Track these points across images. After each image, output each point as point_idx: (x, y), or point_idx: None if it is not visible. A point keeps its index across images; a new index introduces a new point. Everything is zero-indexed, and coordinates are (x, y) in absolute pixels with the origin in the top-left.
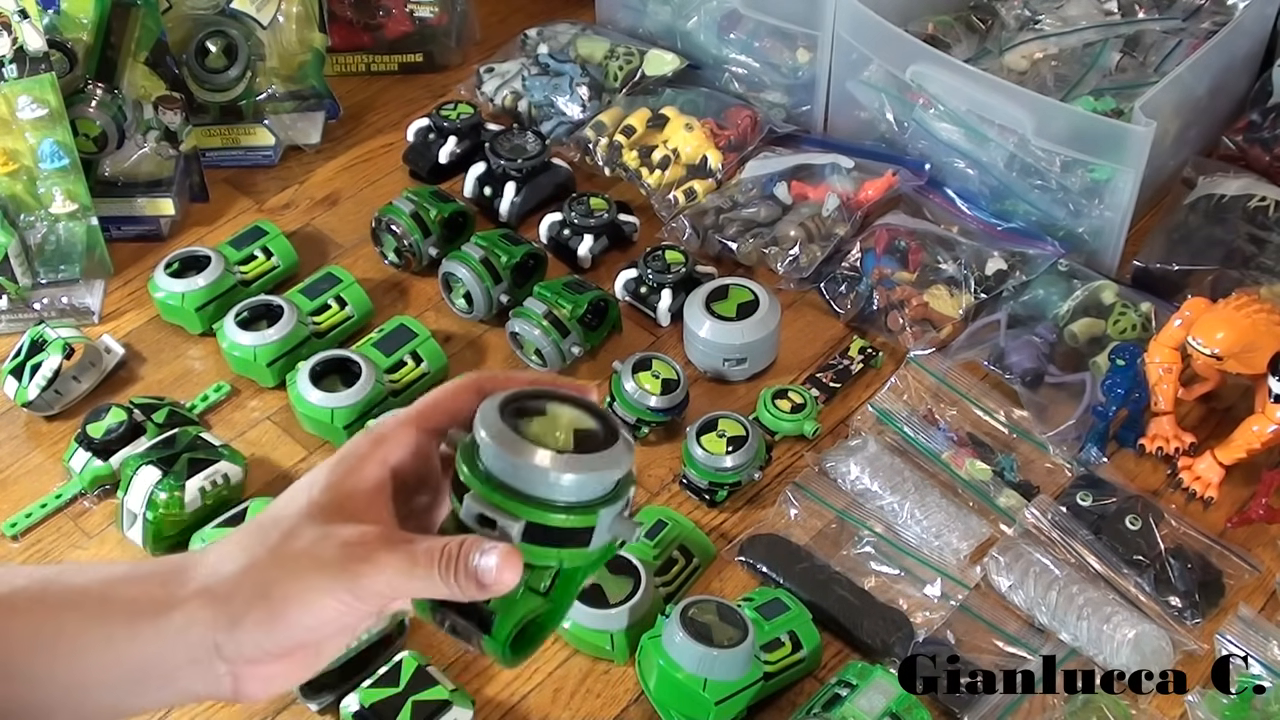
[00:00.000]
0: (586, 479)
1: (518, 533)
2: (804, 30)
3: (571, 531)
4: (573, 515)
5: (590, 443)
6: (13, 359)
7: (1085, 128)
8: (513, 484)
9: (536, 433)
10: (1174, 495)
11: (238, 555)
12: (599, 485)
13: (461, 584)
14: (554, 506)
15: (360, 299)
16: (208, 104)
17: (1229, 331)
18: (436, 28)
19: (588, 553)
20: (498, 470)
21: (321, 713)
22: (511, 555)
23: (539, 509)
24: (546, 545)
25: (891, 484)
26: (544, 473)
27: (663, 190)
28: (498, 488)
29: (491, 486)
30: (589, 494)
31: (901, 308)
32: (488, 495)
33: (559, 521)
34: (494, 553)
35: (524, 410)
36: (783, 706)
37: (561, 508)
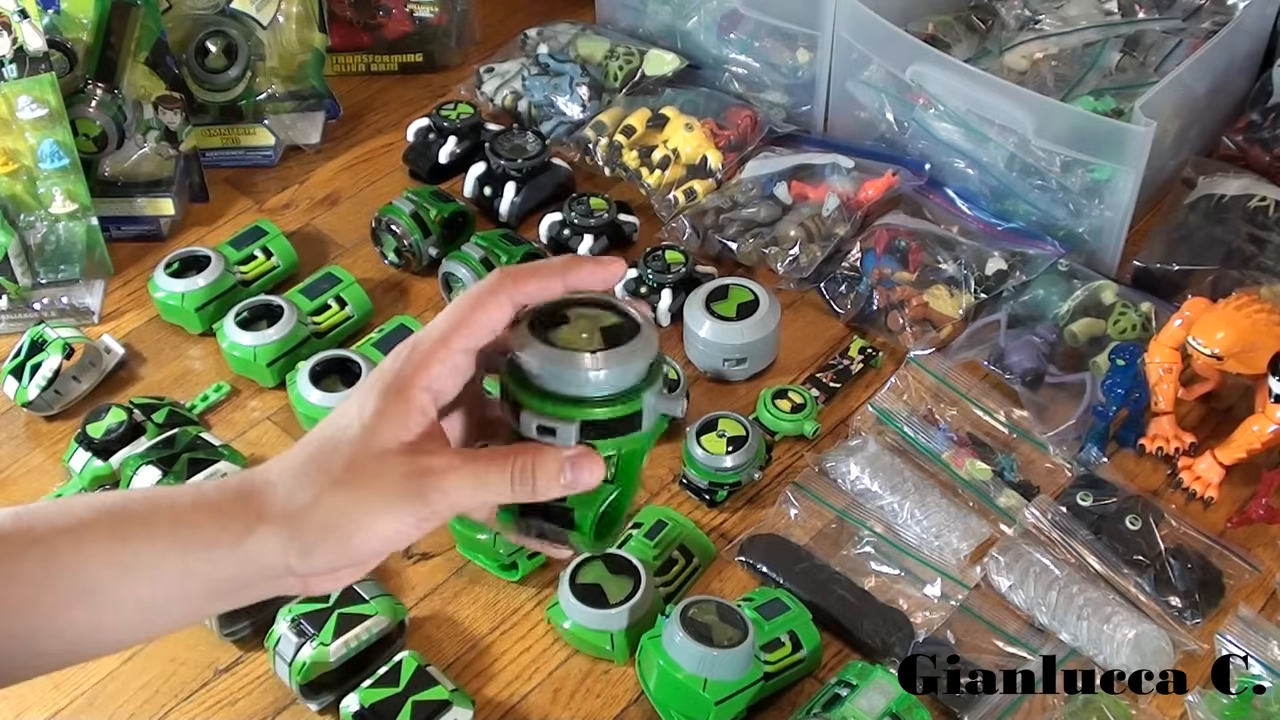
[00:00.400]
0: (623, 370)
1: (575, 433)
2: (804, 30)
3: (622, 419)
4: (619, 405)
5: (617, 335)
6: (13, 359)
7: (1085, 128)
8: (561, 390)
9: (568, 339)
10: (1174, 495)
11: (306, 486)
12: (635, 373)
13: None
14: (600, 402)
15: (360, 299)
16: (208, 104)
17: (1229, 331)
18: (436, 28)
19: (641, 434)
20: (543, 382)
21: (321, 713)
22: (589, 455)
23: (589, 407)
24: (604, 438)
25: (891, 484)
26: (584, 374)
27: (663, 190)
28: (548, 397)
29: (542, 398)
30: (628, 382)
31: (901, 308)
32: (540, 406)
33: (609, 414)
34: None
35: (552, 321)
36: (783, 706)
37: (607, 400)
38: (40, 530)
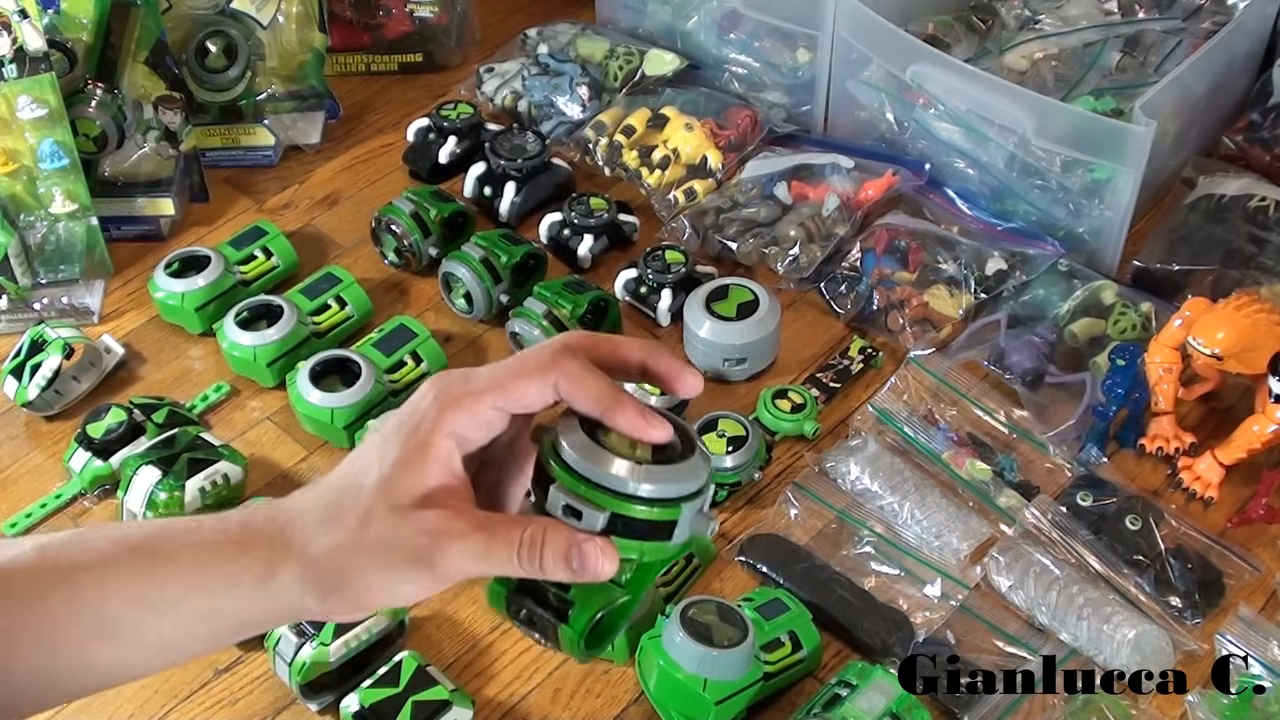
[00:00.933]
0: (664, 486)
1: (602, 522)
2: (804, 30)
3: (655, 525)
4: (656, 509)
5: (667, 453)
6: (13, 359)
7: (1085, 128)
8: (597, 480)
9: (615, 443)
10: (1174, 495)
11: (323, 533)
12: (679, 489)
13: (550, 570)
14: (636, 499)
15: (360, 299)
16: (208, 104)
17: (1229, 331)
18: (436, 28)
19: (667, 546)
20: (582, 469)
21: (321, 713)
22: (606, 545)
23: (625, 502)
24: (629, 538)
25: (891, 484)
26: (624, 481)
27: (663, 190)
28: (583, 480)
29: (577, 478)
30: (671, 493)
31: (901, 308)
32: (574, 486)
33: (643, 514)
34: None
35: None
36: (783, 706)
37: (644, 501)
38: (64, 566)
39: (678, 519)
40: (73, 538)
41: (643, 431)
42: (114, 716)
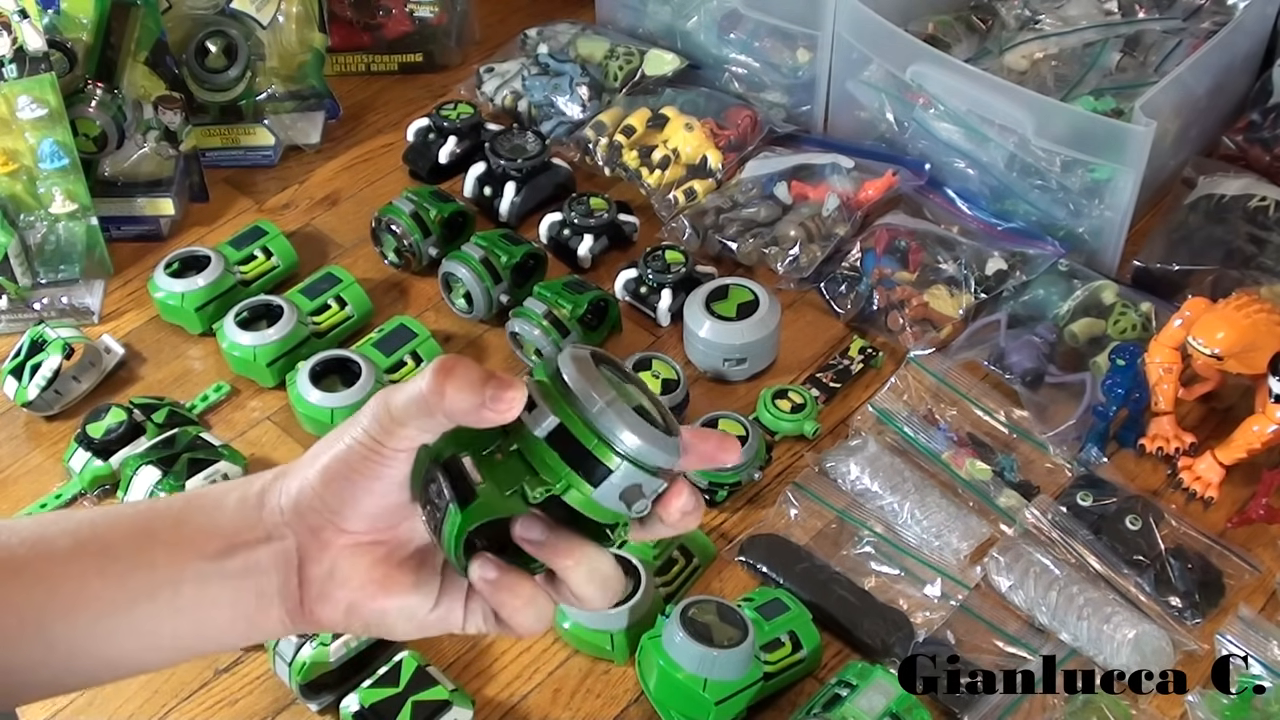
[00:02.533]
0: (625, 434)
1: (547, 427)
2: (804, 30)
3: (590, 455)
4: (601, 443)
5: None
6: (13, 359)
7: (1085, 128)
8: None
9: (609, 381)
10: (1174, 495)
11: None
12: (637, 448)
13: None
14: (588, 423)
15: (360, 299)
16: (208, 104)
17: (1229, 331)
18: (436, 28)
19: (590, 497)
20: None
21: (321, 713)
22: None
23: (576, 419)
24: (561, 454)
25: (891, 484)
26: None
27: (663, 190)
28: (558, 382)
29: (554, 380)
30: (624, 442)
31: (901, 308)
32: (545, 383)
33: (583, 435)
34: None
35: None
36: (783, 706)
37: (593, 428)
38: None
39: (614, 471)
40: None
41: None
42: (114, 716)
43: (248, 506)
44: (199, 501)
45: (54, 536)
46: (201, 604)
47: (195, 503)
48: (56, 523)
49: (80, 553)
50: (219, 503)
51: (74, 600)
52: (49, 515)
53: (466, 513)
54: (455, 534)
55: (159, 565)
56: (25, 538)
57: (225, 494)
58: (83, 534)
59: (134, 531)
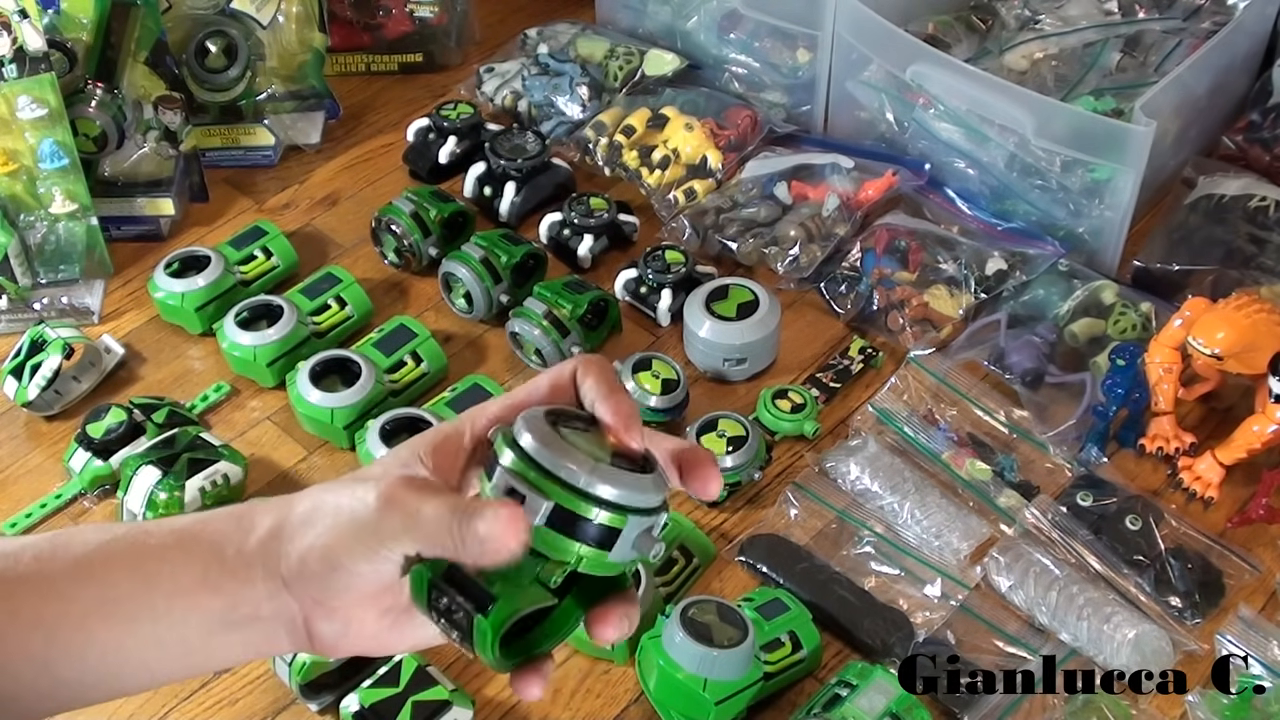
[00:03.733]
0: (619, 491)
1: (544, 513)
2: (804, 30)
3: (594, 525)
4: (604, 512)
5: (627, 465)
6: (13, 359)
7: (1085, 128)
8: (546, 466)
9: (577, 442)
10: (1174, 495)
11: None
12: (632, 499)
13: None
14: (583, 495)
15: (360, 299)
16: (208, 104)
17: (1229, 331)
18: (436, 28)
19: (607, 560)
20: (535, 454)
21: (321, 713)
22: (517, 518)
23: (571, 495)
24: (569, 536)
25: (891, 484)
26: (577, 474)
27: (663, 190)
28: (533, 465)
29: (528, 462)
30: (621, 500)
31: (901, 308)
32: (523, 470)
33: (583, 509)
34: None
35: (570, 423)
36: (783, 706)
37: (590, 498)
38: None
39: (623, 529)
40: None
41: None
42: (114, 716)
43: (246, 561)
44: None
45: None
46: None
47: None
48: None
49: (79, 594)
50: (217, 550)
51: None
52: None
53: (492, 619)
54: (489, 643)
55: (160, 612)
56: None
57: (222, 541)
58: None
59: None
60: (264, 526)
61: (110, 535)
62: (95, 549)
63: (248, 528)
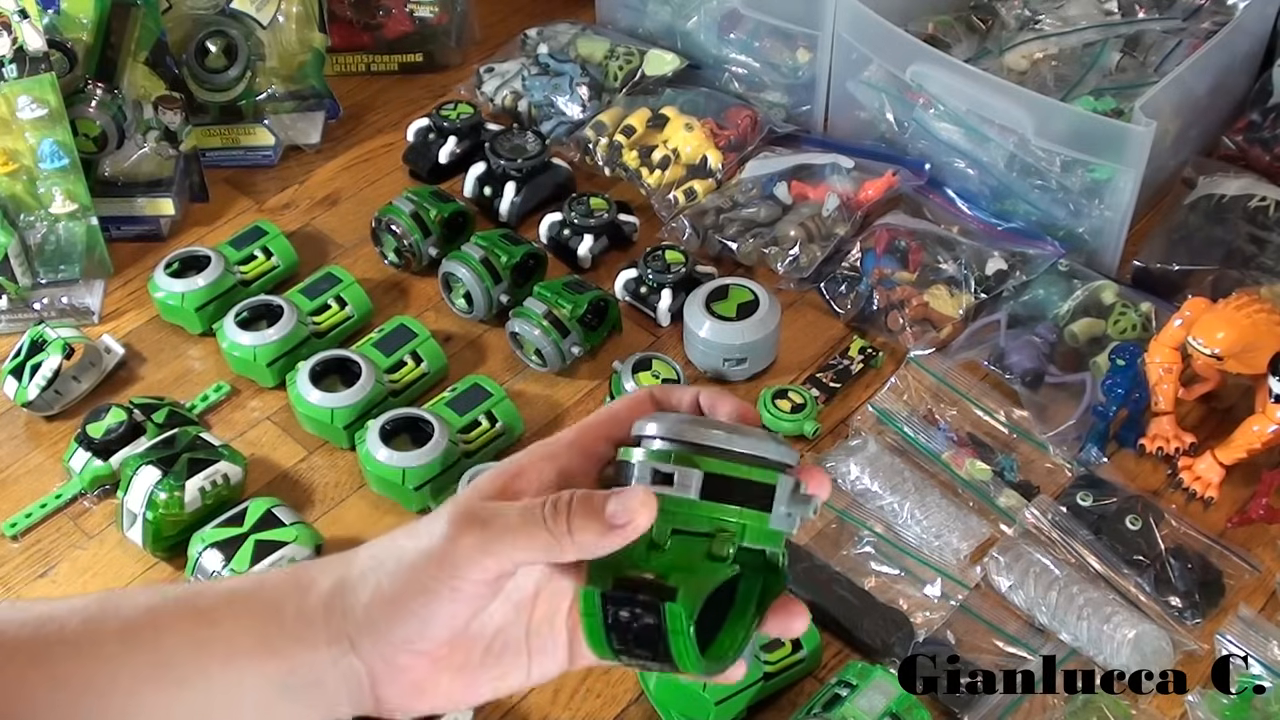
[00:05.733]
0: (763, 445)
1: (697, 484)
2: (804, 30)
3: (751, 486)
4: (755, 469)
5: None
6: (13, 359)
7: (1085, 128)
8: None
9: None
10: (1174, 495)
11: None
12: (776, 453)
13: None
14: (735, 456)
15: (360, 299)
16: (208, 104)
17: (1229, 331)
18: (436, 28)
19: (768, 526)
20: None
21: None
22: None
23: (720, 459)
24: (727, 501)
25: (891, 484)
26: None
27: (663, 190)
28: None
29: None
30: (765, 453)
31: (901, 308)
32: (663, 453)
33: (740, 471)
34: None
35: None
36: (783, 706)
37: (741, 458)
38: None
39: (775, 484)
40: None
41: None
42: None
43: (307, 621)
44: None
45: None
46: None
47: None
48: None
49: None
50: (275, 611)
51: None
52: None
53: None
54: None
55: (214, 677)
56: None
57: (280, 602)
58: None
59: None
60: (325, 584)
61: (160, 597)
62: (145, 612)
63: (307, 585)
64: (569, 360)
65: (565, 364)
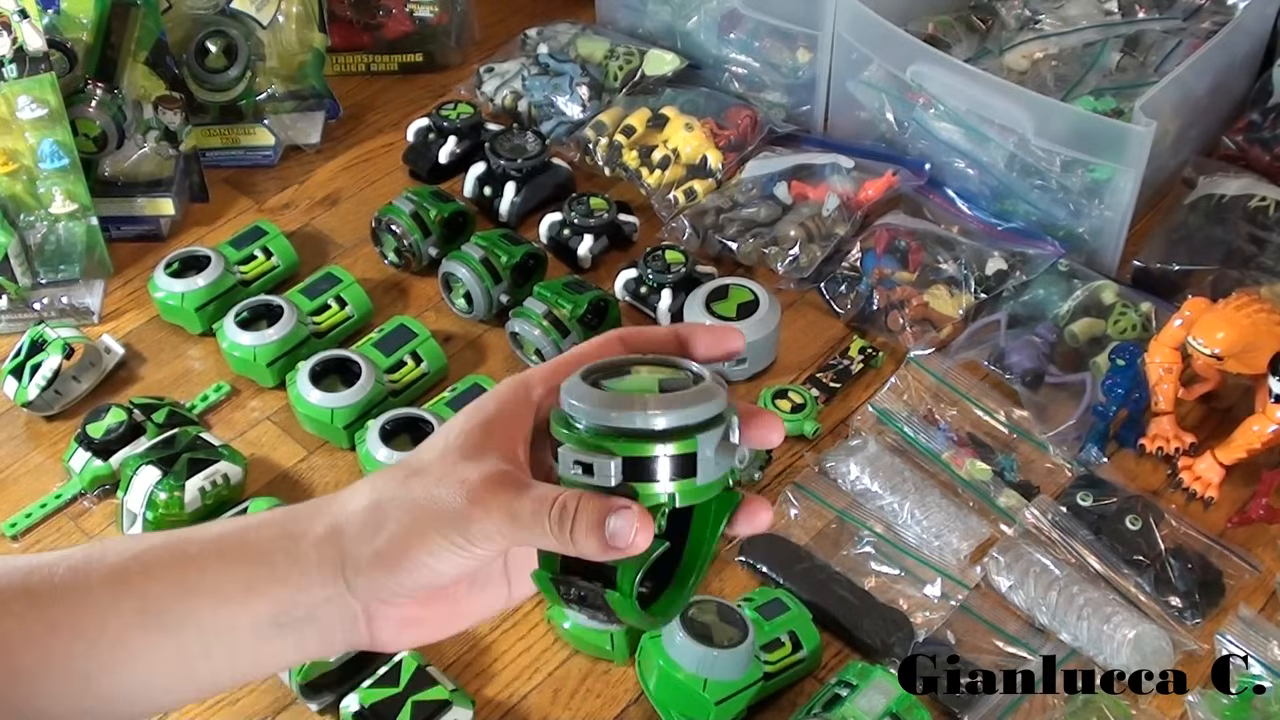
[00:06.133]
0: (676, 413)
1: (616, 472)
2: (804, 30)
3: (670, 460)
4: (669, 442)
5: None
6: (13, 359)
7: (1085, 128)
8: (603, 423)
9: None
10: (1174, 495)
11: (366, 492)
12: (690, 414)
13: (580, 541)
14: (648, 436)
15: (360, 299)
16: (208, 104)
17: (1229, 331)
18: (436, 28)
19: (697, 485)
20: (585, 417)
21: (321, 713)
22: (644, 516)
23: (633, 442)
24: (649, 480)
25: (891, 484)
26: (631, 414)
27: (663, 190)
28: (589, 430)
29: (583, 431)
30: (682, 420)
31: (901, 308)
32: (580, 442)
33: (653, 450)
34: (626, 513)
35: (608, 374)
36: (783, 706)
37: (655, 435)
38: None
39: (695, 451)
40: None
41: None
42: None
43: (300, 568)
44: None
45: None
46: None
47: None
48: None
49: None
50: (265, 558)
51: (118, 655)
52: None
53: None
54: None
55: (205, 620)
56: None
57: (270, 550)
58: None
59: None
60: (318, 530)
61: (145, 545)
62: (131, 559)
63: (299, 534)
64: None
65: None
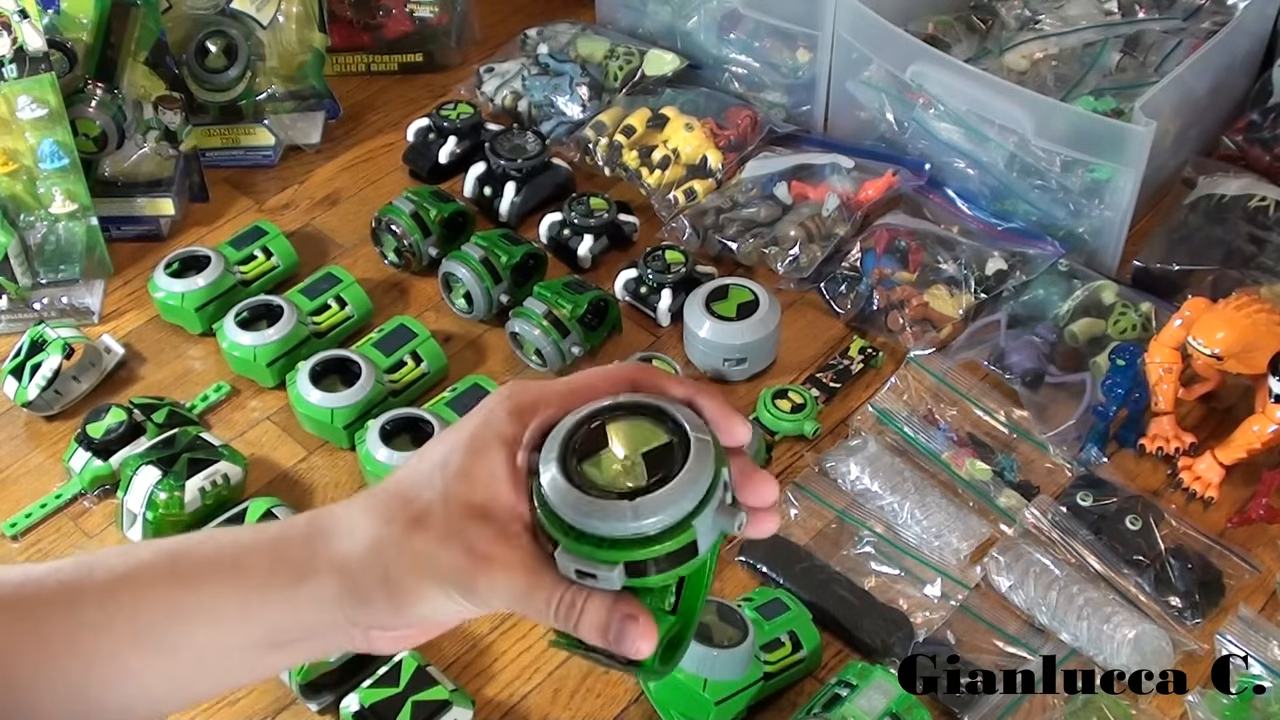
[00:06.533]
0: (668, 511)
1: (619, 577)
2: (804, 30)
3: (671, 553)
4: (668, 541)
5: (663, 461)
6: (13, 359)
7: (1085, 128)
8: (597, 532)
9: (604, 472)
10: (1174, 495)
11: (367, 531)
12: (684, 506)
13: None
14: (646, 540)
15: (360, 299)
16: (208, 104)
17: (1229, 331)
18: (436, 28)
19: (699, 559)
20: (581, 525)
21: (321, 713)
22: (649, 627)
23: (631, 548)
24: (656, 573)
25: (891, 484)
26: (623, 523)
27: (663, 190)
28: (584, 539)
29: (577, 538)
30: (677, 516)
31: (901, 308)
32: (576, 550)
33: (657, 552)
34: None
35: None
36: (783, 706)
37: (654, 539)
38: (100, 575)
39: (695, 538)
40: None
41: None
42: None
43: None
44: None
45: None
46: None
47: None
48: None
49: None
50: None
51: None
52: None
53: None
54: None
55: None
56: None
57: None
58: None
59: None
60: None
61: (135, 561)
62: (123, 577)
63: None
64: (569, 360)
65: (565, 364)
